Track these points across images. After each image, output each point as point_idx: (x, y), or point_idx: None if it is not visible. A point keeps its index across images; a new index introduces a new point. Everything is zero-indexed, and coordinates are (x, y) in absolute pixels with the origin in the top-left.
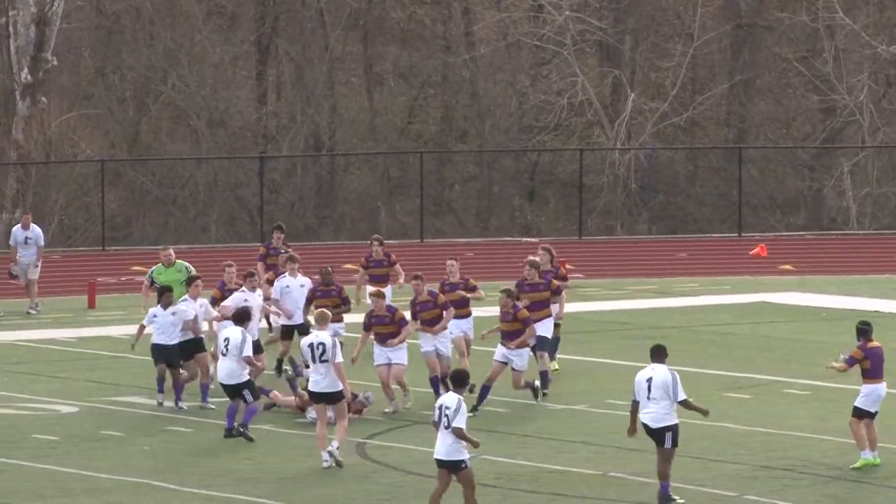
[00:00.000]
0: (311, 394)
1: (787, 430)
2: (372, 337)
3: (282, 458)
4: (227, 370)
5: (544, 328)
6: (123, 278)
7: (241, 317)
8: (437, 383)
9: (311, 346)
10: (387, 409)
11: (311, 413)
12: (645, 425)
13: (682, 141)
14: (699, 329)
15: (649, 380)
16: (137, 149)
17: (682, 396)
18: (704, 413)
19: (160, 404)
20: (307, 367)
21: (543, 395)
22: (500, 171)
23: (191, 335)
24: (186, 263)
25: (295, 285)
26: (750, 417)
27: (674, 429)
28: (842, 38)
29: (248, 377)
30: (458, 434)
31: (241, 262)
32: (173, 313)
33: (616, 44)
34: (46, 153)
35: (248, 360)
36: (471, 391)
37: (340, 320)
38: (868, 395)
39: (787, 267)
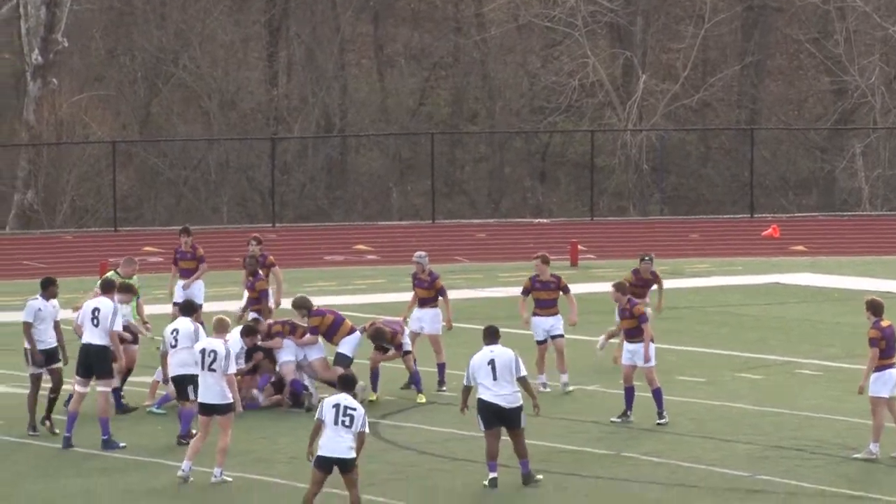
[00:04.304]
0: (200, 405)
1: (798, 411)
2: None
3: (295, 437)
4: (180, 360)
5: (346, 346)
6: (136, 259)
7: (188, 308)
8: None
9: (202, 352)
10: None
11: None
12: (496, 407)
13: (693, 122)
14: (711, 310)
15: (491, 362)
16: (149, 130)
17: (523, 372)
18: (534, 397)
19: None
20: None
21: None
22: (512, 153)
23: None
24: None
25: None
26: (762, 398)
27: (522, 408)
28: (853, 19)
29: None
30: (362, 439)
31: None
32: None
33: (627, 25)
34: (58, 134)
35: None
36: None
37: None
38: None
39: (800, 248)
